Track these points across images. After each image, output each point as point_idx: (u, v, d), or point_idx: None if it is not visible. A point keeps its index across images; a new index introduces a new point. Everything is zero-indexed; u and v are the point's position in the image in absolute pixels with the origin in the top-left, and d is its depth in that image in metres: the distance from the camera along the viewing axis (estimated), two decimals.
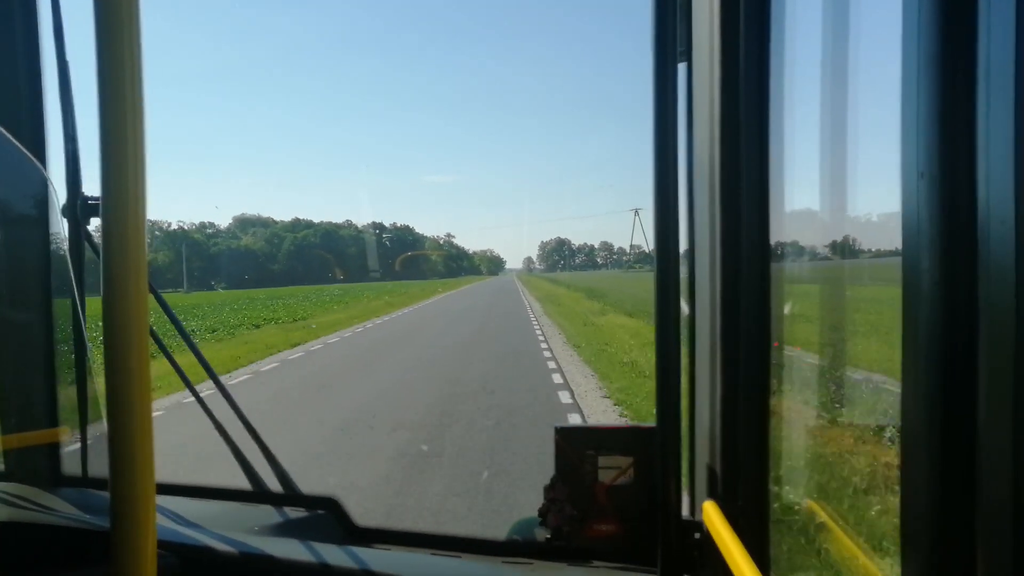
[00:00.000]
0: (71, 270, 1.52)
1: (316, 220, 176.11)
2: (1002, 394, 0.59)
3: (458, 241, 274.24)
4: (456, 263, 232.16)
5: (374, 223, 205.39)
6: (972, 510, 0.64)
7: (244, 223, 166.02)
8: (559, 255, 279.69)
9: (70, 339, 1.62)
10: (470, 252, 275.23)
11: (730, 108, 1.15)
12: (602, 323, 20.24)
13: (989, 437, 0.61)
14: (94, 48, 0.73)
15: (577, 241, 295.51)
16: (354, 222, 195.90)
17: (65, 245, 1.51)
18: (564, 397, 8.81)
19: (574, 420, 7.44)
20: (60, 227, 1.51)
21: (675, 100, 1.13)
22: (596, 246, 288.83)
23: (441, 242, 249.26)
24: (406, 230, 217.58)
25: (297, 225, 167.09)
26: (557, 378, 10.28)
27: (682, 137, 1.19)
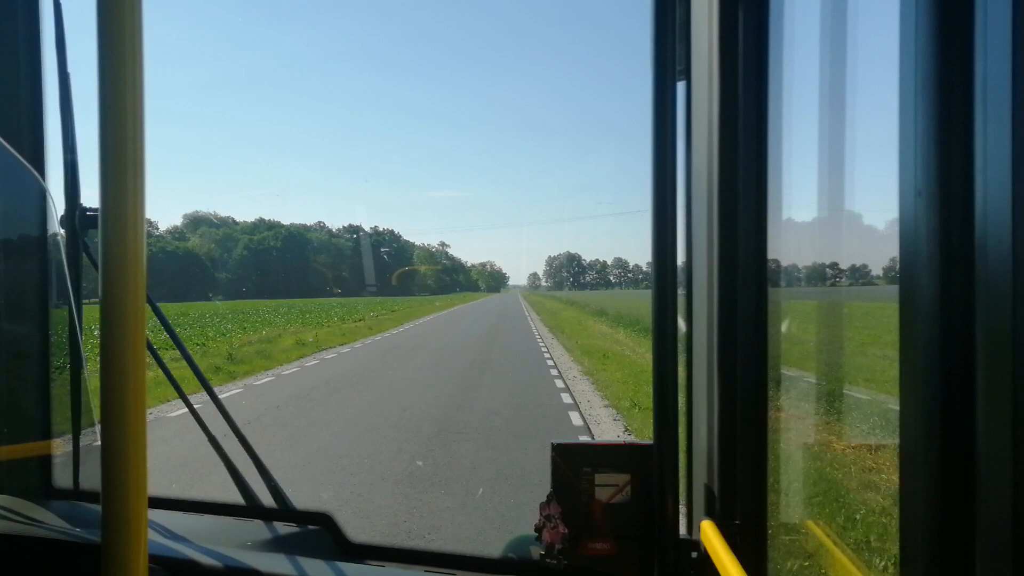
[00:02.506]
0: (68, 282, 1.51)
1: (286, 223, 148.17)
2: (1000, 411, 0.59)
3: (454, 252, 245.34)
4: (450, 276, 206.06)
5: (351, 226, 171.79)
6: (972, 528, 0.63)
7: (196, 222, 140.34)
8: (568, 271, 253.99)
9: (66, 350, 1.61)
10: (467, 265, 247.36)
11: (729, 126, 1.16)
12: None
13: (988, 455, 0.61)
14: (96, 60, 0.74)
15: (588, 257, 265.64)
16: (326, 224, 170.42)
17: (63, 256, 1.51)
18: None
19: None
20: (58, 238, 1.51)
21: (674, 118, 1.14)
22: (609, 263, 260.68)
23: (433, 250, 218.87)
24: (391, 236, 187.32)
25: (259, 226, 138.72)
26: None
27: (681, 155, 1.20)
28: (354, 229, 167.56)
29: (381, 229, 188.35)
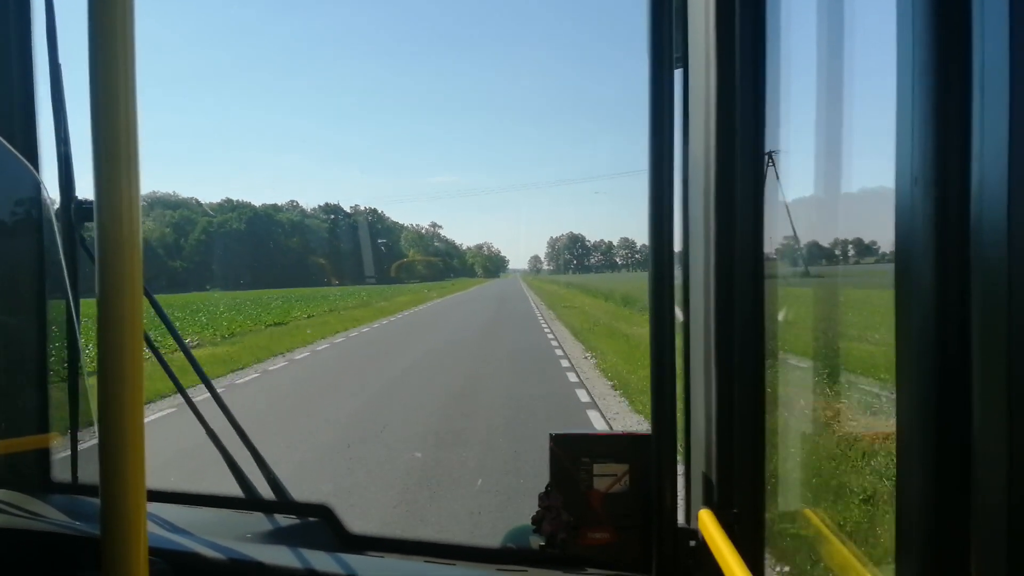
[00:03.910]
0: (64, 274, 1.51)
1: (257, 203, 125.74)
2: (997, 400, 0.59)
3: (447, 233, 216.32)
4: (443, 261, 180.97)
5: (327, 205, 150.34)
6: (967, 517, 0.63)
7: (153, 203, 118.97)
8: (571, 253, 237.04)
9: (63, 343, 1.61)
10: (462, 248, 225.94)
11: (726, 113, 1.16)
12: None
13: (984, 442, 0.61)
14: (87, 51, 0.73)
15: (592, 237, 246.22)
16: (300, 203, 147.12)
17: (59, 249, 1.51)
18: None
19: None
20: (53, 231, 1.50)
21: (671, 106, 1.14)
22: (615, 243, 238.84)
23: (423, 232, 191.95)
24: (374, 216, 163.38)
25: (223, 207, 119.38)
26: None
27: (678, 142, 1.20)
28: (331, 209, 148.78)
29: (363, 208, 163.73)
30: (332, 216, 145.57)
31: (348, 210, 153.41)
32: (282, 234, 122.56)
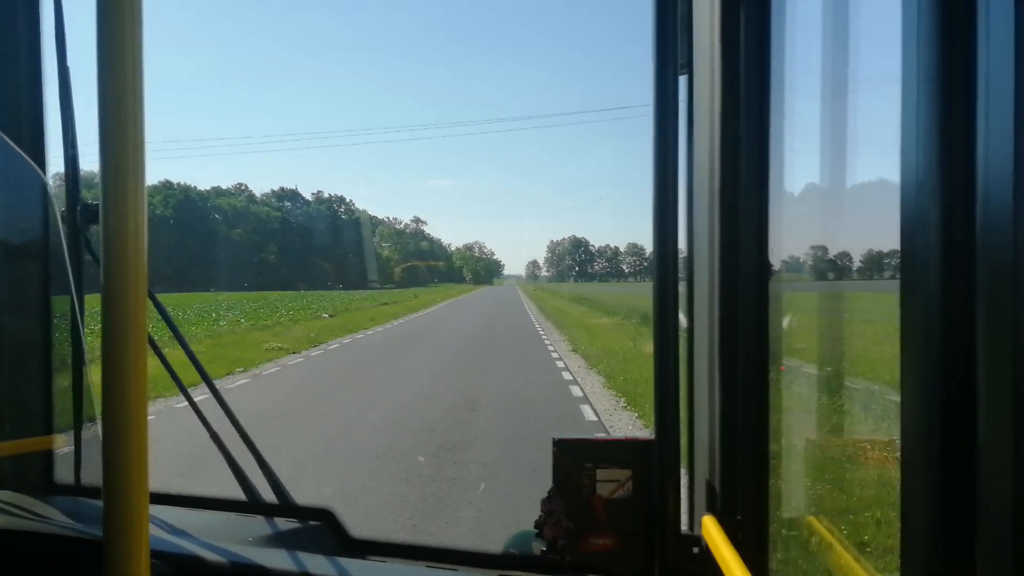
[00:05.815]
0: (70, 276, 1.51)
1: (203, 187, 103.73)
2: (1002, 408, 0.59)
3: (431, 230, 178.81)
4: (425, 263, 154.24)
5: (283, 189, 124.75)
6: (972, 525, 0.63)
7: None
8: (573, 259, 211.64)
9: (67, 346, 1.61)
10: (449, 248, 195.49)
11: (731, 120, 1.16)
12: None
13: (989, 450, 0.61)
14: (95, 54, 0.74)
15: (597, 242, 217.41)
16: (249, 187, 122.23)
17: (64, 251, 1.51)
18: None
19: None
20: (59, 232, 1.51)
21: (676, 111, 1.14)
22: (622, 249, 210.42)
23: (401, 228, 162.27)
24: (341, 204, 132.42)
25: (158, 189, 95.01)
26: None
27: (683, 149, 1.20)
28: (286, 195, 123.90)
29: (328, 195, 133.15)
30: (287, 203, 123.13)
31: (309, 197, 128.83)
32: (222, 222, 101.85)
